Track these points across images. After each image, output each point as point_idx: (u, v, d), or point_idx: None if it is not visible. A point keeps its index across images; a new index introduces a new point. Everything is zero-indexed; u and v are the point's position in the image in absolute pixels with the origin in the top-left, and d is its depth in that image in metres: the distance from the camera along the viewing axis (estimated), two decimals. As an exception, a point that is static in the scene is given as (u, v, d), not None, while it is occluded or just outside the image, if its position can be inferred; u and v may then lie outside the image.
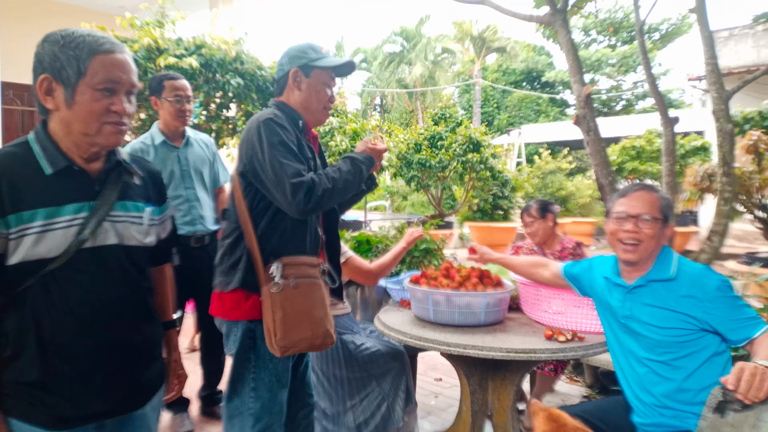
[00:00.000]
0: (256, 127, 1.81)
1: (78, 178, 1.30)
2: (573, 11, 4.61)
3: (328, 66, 1.93)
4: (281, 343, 1.74)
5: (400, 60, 30.18)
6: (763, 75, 4.37)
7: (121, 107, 1.29)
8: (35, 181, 1.24)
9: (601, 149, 4.23)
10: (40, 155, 1.27)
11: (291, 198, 1.73)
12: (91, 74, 1.25)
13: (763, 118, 6.91)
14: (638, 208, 1.90)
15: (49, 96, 1.27)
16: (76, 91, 1.25)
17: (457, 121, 10.75)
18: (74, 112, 1.25)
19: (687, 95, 23.86)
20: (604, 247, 12.54)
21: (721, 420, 1.58)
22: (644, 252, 1.88)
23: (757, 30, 11.91)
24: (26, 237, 1.21)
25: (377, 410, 2.55)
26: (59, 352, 1.26)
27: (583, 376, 3.92)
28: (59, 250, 1.24)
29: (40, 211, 1.22)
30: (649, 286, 1.89)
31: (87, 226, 1.27)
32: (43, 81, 1.26)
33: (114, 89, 1.28)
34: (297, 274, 1.80)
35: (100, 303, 1.30)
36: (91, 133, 1.27)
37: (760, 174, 5.23)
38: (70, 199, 1.27)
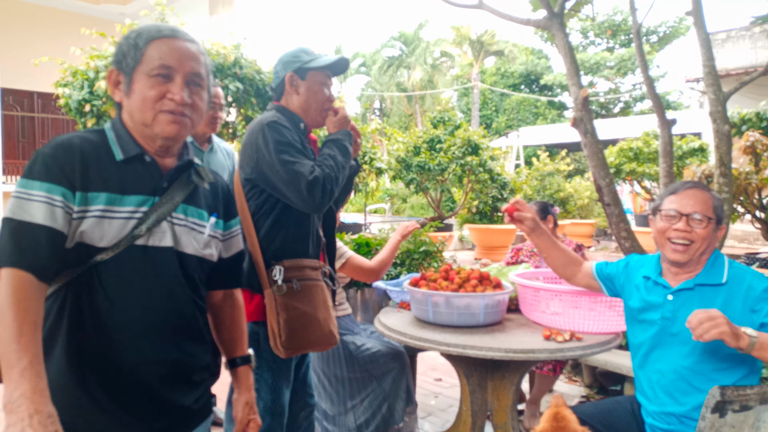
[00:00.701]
0: (259, 130, 1.82)
1: (147, 170, 1.24)
2: (570, 15, 4.64)
3: (321, 66, 1.94)
4: (286, 344, 1.77)
5: (399, 64, 30.24)
6: (760, 76, 4.39)
7: (177, 95, 1.21)
8: (105, 165, 1.19)
9: (598, 151, 4.25)
10: (114, 141, 1.23)
11: (307, 194, 1.74)
12: (146, 60, 1.20)
13: (761, 120, 6.93)
14: (690, 206, 1.81)
15: (116, 88, 1.25)
16: (133, 79, 1.21)
17: (456, 124, 10.78)
18: (132, 100, 1.21)
19: (685, 97, 23.94)
20: (603, 248, 12.55)
21: (721, 420, 1.59)
22: (695, 253, 1.80)
23: (754, 32, 11.96)
24: (85, 220, 1.14)
25: (378, 410, 2.56)
26: (86, 357, 1.15)
27: (581, 375, 3.94)
28: (111, 241, 1.16)
29: (103, 195, 1.16)
30: (696, 291, 1.81)
31: (145, 221, 1.19)
32: (111, 74, 1.25)
33: (169, 75, 1.21)
34: (299, 276, 1.83)
35: (143, 308, 1.19)
36: (148, 123, 1.21)
37: (757, 174, 5.25)
38: (135, 190, 1.20)
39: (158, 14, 5.78)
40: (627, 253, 4.28)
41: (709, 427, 1.58)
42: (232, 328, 1.47)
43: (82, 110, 5.31)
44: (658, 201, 1.94)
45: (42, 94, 9.64)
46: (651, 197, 11.08)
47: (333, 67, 1.98)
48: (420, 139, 10.32)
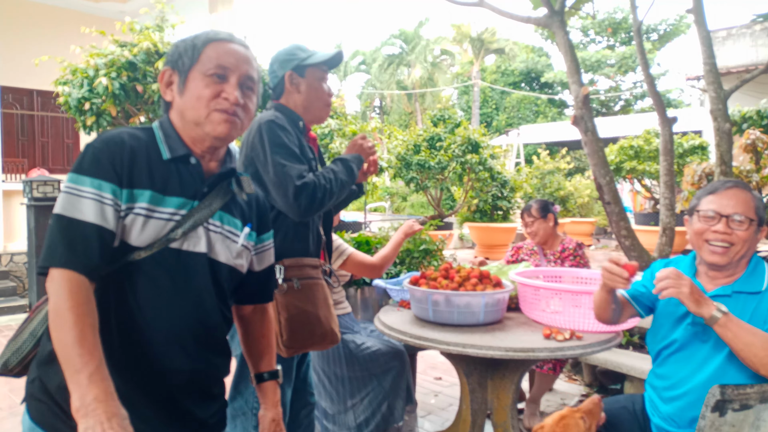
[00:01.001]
0: (257, 129, 1.82)
1: (191, 172, 1.23)
2: (570, 13, 4.63)
3: (319, 61, 1.94)
4: (288, 343, 1.77)
5: (399, 62, 30.24)
6: (761, 74, 4.39)
7: (232, 94, 1.22)
8: (151, 163, 1.18)
9: (599, 149, 4.25)
10: (161, 140, 1.23)
11: (293, 200, 1.74)
12: (203, 60, 1.21)
13: (761, 117, 6.92)
14: (731, 207, 1.71)
15: (168, 87, 1.26)
16: (188, 78, 1.22)
17: (456, 123, 10.78)
18: (185, 99, 1.22)
19: (685, 95, 23.92)
20: (603, 246, 12.55)
21: (721, 419, 1.58)
22: (734, 255, 1.71)
23: (755, 29, 11.94)
24: (129, 216, 1.13)
25: (378, 409, 2.56)
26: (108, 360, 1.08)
27: (581, 374, 3.94)
28: (147, 241, 1.14)
29: (147, 193, 1.15)
30: (734, 298, 1.72)
31: (182, 225, 1.18)
32: (164, 73, 1.26)
33: (225, 75, 1.22)
34: (299, 275, 1.83)
35: (170, 314, 1.17)
36: (200, 121, 1.21)
37: (758, 173, 5.25)
38: (177, 192, 1.19)
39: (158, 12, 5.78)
40: (627, 251, 4.28)
41: (710, 426, 1.58)
42: (261, 342, 1.46)
43: (81, 108, 5.30)
44: (695, 201, 1.84)
45: (42, 92, 9.62)
46: (651, 195, 11.08)
47: (330, 62, 1.98)
48: (420, 138, 10.32)
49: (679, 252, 9.59)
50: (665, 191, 4.66)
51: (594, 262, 9.43)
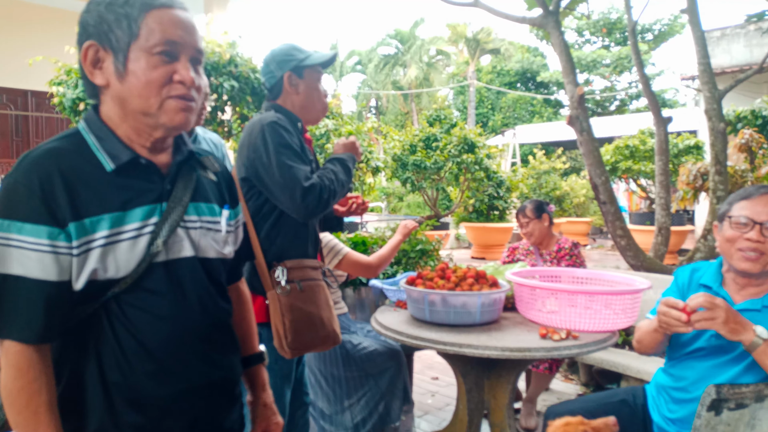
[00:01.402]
0: (259, 130, 1.80)
1: (146, 175, 1.05)
2: (565, 13, 4.65)
3: (317, 62, 1.94)
4: (293, 345, 1.77)
5: (394, 62, 30.25)
6: (755, 74, 4.41)
7: (186, 75, 1.02)
8: (95, 181, 0.99)
9: (594, 149, 4.26)
10: (96, 147, 1.02)
11: (301, 201, 1.75)
12: (145, 35, 0.99)
13: (756, 117, 6.96)
14: (766, 214, 1.65)
15: (96, 69, 1.02)
16: (128, 58, 0.99)
17: (452, 123, 10.78)
18: (128, 84, 1.00)
19: (680, 95, 24.00)
20: (599, 246, 12.58)
21: (716, 418, 1.59)
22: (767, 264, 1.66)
23: (749, 30, 11.99)
24: (91, 252, 0.95)
25: (375, 409, 2.56)
26: (128, 397, 1.00)
27: (577, 374, 3.94)
28: (128, 267, 0.98)
29: (106, 218, 0.97)
30: (764, 312, 1.67)
31: (159, 235, 1.02)
32: (87, 50, 1.01)
33: (175, 53, 1.02)
34: (302, 277, 1.83)
35: (177, 333, 1.04)
36: (152, 111, 1.01)
37: (752, 172, 5.27)
38: (138, 202, 1.02)
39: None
40: (622, 251, 4.29)
41: (705, 425, 1.58)
42: (242, 325, 1.32)
43: (76, 109, 5.28)
44: (726, 206, 1.78)
45: (36, 93, 9.59)
46: (647, 195, 11.11)
47: (327, 63, 1.98)
48: (416, 138, 10.32)
49: (674, 252, 9.62)
50: (661, 191, 4.68)
51: (590, 261, 9.45)
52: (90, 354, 1.00)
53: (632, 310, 2.24)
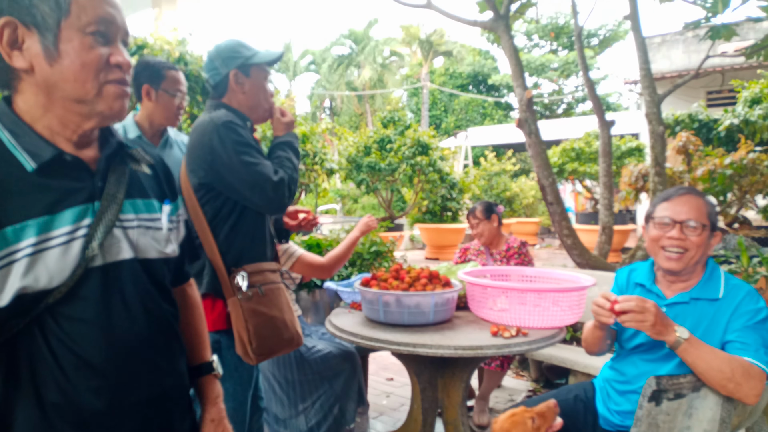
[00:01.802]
0: (213, 130, 1.74)
1: (72, 172, 0.94)
2: (515, 17, 4.76)
3: (265, 61, 1.89)
4: (258, 350, 1.74)
5: (348, 63, 30.19)
6: (692, 79, 4.63)
7: (123, 58, 0.94)
8: (14, 184, 0.88)
9: (542, 151, 4.38)
10: (13, 145, 0.90)
11: (273, 195, 1.73)
12: (76, 12, 0.89)
13: (693, 121, 7.30)
14: (684, 213, 1.75)
15: (15, 50, 0.89)
16: (59, 37, 0.89)
17: (406, 124, 10.85)
18: (60, 68, 0.89)
19: (624, 98, 24.92)
20: (547, 245, 12.92)
21: (657, 408, 1.66)
22: (689, 261, 1.75)
23: (687, 36, 12.58)
24: (15, 264, 0.85)
25: (329, 412, 2.56)
26: (70, 419, 0.91)
27: (528, 370, 4.04)
28: (62, 275, 0.89)
29: (31, 224, 0.87)
30: (692, 304, 1.77)
31: (94, 237, 0.92)
32: (3, 28, 0.88)
33: (109, 34, 0.93)
34: (262, 281, 1.80)
35: (120, 343, 0.95)
36: (89, 98, 0.92)
37: (689, 173, 5.52)
38: (67, 203, 0.91)
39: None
40: (569, 249, 4.43)
41: (646, 416, 1.65)
42: (189, 331, 1.20)
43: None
44: (651, 208, 1.88)
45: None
46: (591, 196, 11.49)
47: (273, 62, 1.94)
48: (370, 139, 10.34)
49: (618, 250, 9.98)
50: (604, 191, 4.85)
51: (538, 260, 9.70)
52: (23, 375, 0.89)
53: (578, 306, 2.31)
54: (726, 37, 3.92)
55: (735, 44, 10.12)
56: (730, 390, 1.60)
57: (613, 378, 1.95)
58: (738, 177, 4.70)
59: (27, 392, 0.90)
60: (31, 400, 0.90)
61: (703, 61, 4.48)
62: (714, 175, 4.73)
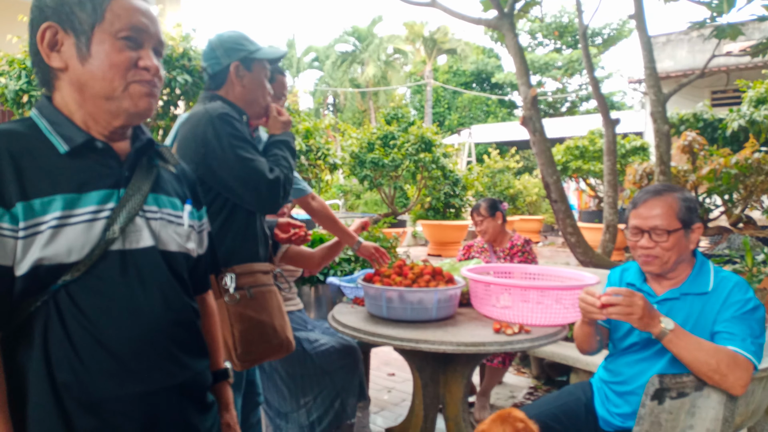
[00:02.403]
0: (207, 122, 1.66)
1: (102, 158, 1.01)
2: (519, 15, 4.75)
3: (268, 57, 1.83)
4: (243, 357, 1.65)
5: (352, 60, 30.18)
6: (697, 79, 4.62)
7: (151, 62, 1.02)
8: (47, 162, 0.95)
9: (546, 149, 4.37)
10: (49, 131, 0.98)
11: (267, 194, 1.65)
12: (110, 19, 0.99)
13: (698, 120, 7.27)
14: (651, 220, 1.73)
15: (54, 51, 0.99)
16: (91, 40, 0.98)
17: (409, 121, 10.85)
18: (91, 67, 0.98)
19: (628, 97, 24.87)
20: (550, 243, 12.91)
21: (659, 407, 1.66)
22: (666, 265, 1.74)
23: (692, 36, 12.53)
24: (39, 235, 0.91)
25: (331, 407, 2.56)
26: (81, 399, 0.93)
27: (529, 367, 4.04)
28: (82, 252, 0.93)
29: (58, 198, 0.93)
30: (682, 300, 1.76)
31: (116, 221, 0.97)
32: (45, 31, 0.98)
33: (139, 41, 1.02)
34: (252, 283, 1.70)
35: (138, 328, 0.98)
36: (116, 95, 0.99)
37: (694, 173, 5.50)
38: (94, 185, 0.98)
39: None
40: (572, 247, 4.42)
41: (649, 414, 1.65)
42: (206, 338, 1.23)
43: (19, 101, 5.06)
44: (627, 214, 1.87)
45: (-25, 84, 9.11)
46: (595, 194, 11.47)
47: (277, 59, 1.88)
48: (374, 136, 10.34)
49: (622, 248, 9.96)
50: (608, 190, 4.85)
51: (541, 258, 9.69)
52: (36, 352, 0.92)
53: (581, 304, 2.31)
54: (731, 36, 3.91)
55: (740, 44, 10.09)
56: (716, 381, 1.60)
57: (609, 379, 1.95)
58: (743, 177, 4.69)
59: (39, 371, 0.92)
60: (44, 380, 0.92)
61: (709, 61, 4.46)
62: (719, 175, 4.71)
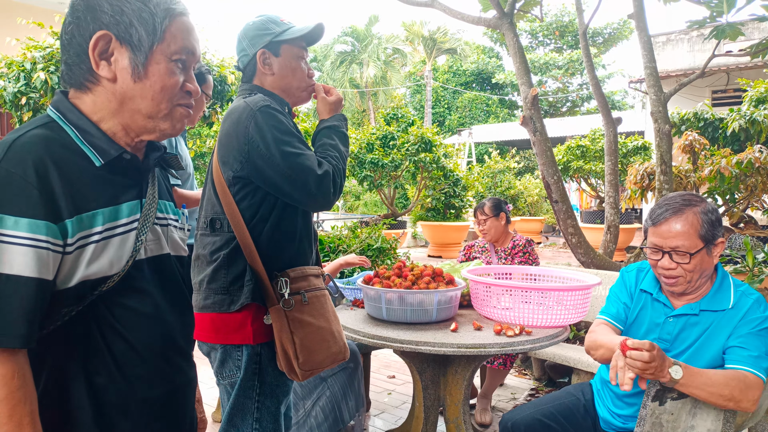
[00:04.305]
0: (250, 117, 1.55)
1: (129, 170, 1.02)
2: (519, 15, 4.74)
3: (297, 37, 1.68)
4: (306, 366, 1.54)
5: (351, 60, 30.19)
6: (697, 78, 4.61)
7: (195, 86, 1.04)
8: (86, 175, 0.94)
9: (547, 149, 4.36)
10: (81, 140, 0.96)
11: (317, 191, 1.53)
12: (168, 40, 0.98)
13: (698, 120, 7.26)
14: (671, 240, 1.66)
15: (104, 61, 0.96)
16: (149, 59, 0.97)
17: (409, 121, 10.84)
18: (143, 86, 0.97)
19: (629, 97, 24.86)
20: (551, 244, 12.90)
21: (660, 408, 1.65)
22: (690, 284, 1.69)
23: (692, 35, 12.51)
24: (86, 249, 0.91)
25: (330, 410, 2.55)
26: (117, 403, 0.97)
27: (531, 369, 4.03)
28: (120, 264, 0.96)
29: (100, 213, 0.94)
30: (701, 315, 1.72)
31: (143, 231, 1.01)
32: (99, 39, 0.95)
33: (188, 63, 1.03)
34: (306, 287, 1.60)
35: (163, 333, 1.04)
36: (159, 116, 1.00)
37: (695, 172, 5.50)
38: (125, 197, 1.00)
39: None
40: (573, 248, 4.41)
41: (650, 415, 1.64)
42: None
43: (18, 103, 5.06)
44: (645, 224, 1.79)
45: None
46: (597, 194, 11.46)
47: (309, 36, 1.72)
48: (373, 136, 10.34)
49: (623, 249, 9.95)
50: (610, 190, 4.83)
51: (543, 258, 9.68)
52: (75, 359, 0.94)
53: (583, 305, 2.30)
54: (731, 36, 3.90)
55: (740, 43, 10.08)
56: (731, 407, 1.58)
57: (608, 387, 1.94)
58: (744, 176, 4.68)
59: (78, 377, 0.95)
60: (83, 386, 0.95)
61: (709, 60, 4.45)
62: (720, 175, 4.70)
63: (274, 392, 1.62)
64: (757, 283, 3.26)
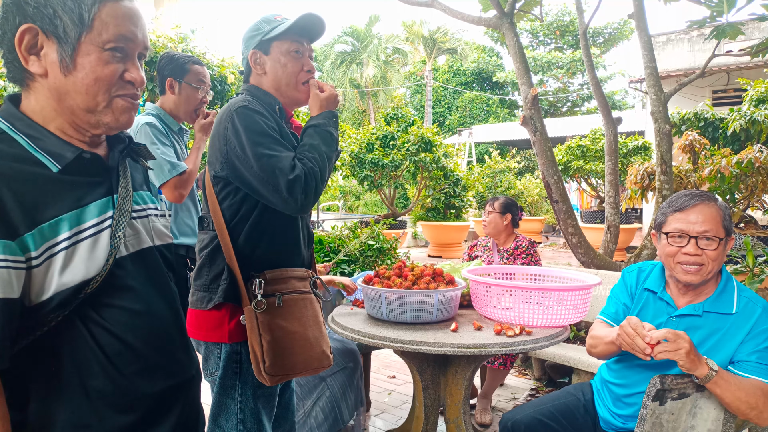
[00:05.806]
0: (227, 118, 1.56)
1: (91, 168, 0.97)
2: (519, 15, 4.73)
3: (283, 31, 1.65)
4: (271, 370, 1.51)
5: (351, 60, 30.17)
6: (697, 78, 4.60)
7: (137, 75, 0.98)
8: (42, 183, 0.90)
9: (547, 149, 4.36)
10: (33, 147, 0.92)
11: (288, 194, 1.49)
12: (98, 28, 0.92)
13: (699, 119, 7.25)
14: (699, 225, 1.65)
15: (33, 55, 0.92)
16: (77, 51, 0.92)
17: (409, 121, 10.84)
18: (74, 79, 0.92)
19: (629, 97, 24.86)
20: (552, 244, 12.89)
21: (661, 408, 1.65)
22: (708, 274, 1.68)
23: (692, 35, 12.50)
24: (54, 259, 0.88)
25: (330, 410, 2.55)
26: (117, 402, 0.95)
27: (531, 369, 4.03)
28: (97, 266, 0.92)
29: (64, 218, 0.90)
30: (704, 317, 1.71)
31: (119, 228, 0.97)
32: (24, 33, 0.90)
33: (127, 51, 0.96)
34: (283, 289, 1.58)
35: (157, 326, 1.01)
36: (98, 109, 0.95)
37: (695, 172, 5.49)
38: (91, 197, 0.95)
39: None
40: (574, 248, 4.41)
41: (650, 415, 1.64)
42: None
43: None
44: (661, 217, 1.77)
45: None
46: (597, 194, 11.46)
47: (298, 29, 1.67)
48: (373, 136, 10.33)
49: (623, 249, 9.95)
50: (610, 190, 4.83)
51: (543, 259, 9.67)
52: (67, 366, 0.91)
53: (583, 305, 2.30)
54: (732, 36, 3.89)
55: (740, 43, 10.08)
56: (752, 417, 1.57)
57: (612, 380, 1.93)
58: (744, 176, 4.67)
59: (73, 383, 0.92)
60: (79, 390, 0.92)
61: (709, 60, 4.44)
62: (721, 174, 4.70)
63: (256, 392, 1.62)
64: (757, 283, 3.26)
